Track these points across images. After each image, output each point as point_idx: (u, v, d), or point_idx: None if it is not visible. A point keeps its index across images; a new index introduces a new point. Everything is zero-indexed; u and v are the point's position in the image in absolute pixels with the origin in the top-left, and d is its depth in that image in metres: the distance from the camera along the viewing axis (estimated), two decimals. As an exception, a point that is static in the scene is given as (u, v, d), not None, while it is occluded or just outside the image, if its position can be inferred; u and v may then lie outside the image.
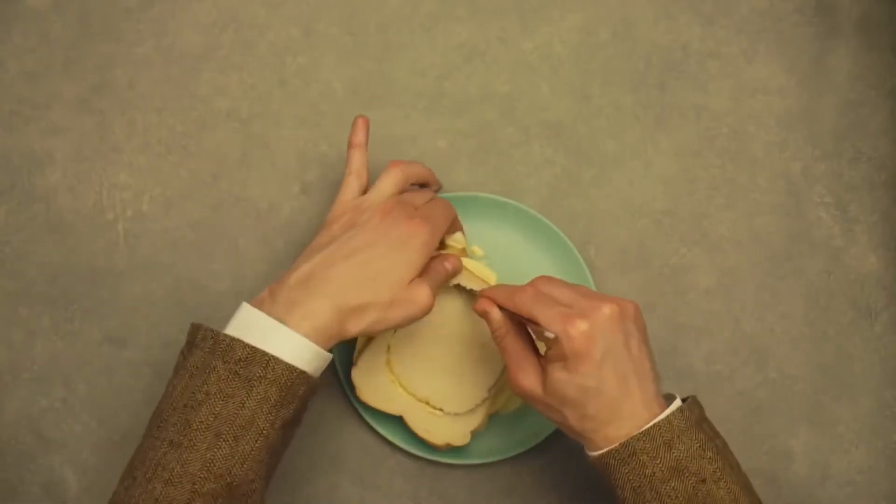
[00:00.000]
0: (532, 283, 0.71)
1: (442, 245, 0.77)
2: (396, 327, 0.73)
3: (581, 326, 0.66)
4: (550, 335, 0.67)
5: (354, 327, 0.69)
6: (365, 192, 0.74)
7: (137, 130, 0.85)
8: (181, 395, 0.66)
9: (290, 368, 0.66)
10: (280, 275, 0.70)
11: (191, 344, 0.68)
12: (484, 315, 0.72)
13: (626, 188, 0.85)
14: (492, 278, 0.79)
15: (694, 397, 0.70)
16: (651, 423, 0.66)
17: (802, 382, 0.84)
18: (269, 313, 0.67)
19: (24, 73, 0.85)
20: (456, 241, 0.78)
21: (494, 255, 0.82)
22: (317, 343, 0.67)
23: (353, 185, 0.74)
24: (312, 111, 0.85)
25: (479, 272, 0.79)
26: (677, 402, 0.68)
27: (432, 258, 0.74)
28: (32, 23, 0.86)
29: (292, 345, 0.66)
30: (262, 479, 0.67)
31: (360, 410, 0.81)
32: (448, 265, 0.75)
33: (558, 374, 0.67)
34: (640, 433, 0.66)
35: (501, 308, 0.72)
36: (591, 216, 0.85)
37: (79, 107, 0.85)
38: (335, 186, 0.84)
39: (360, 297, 0.69)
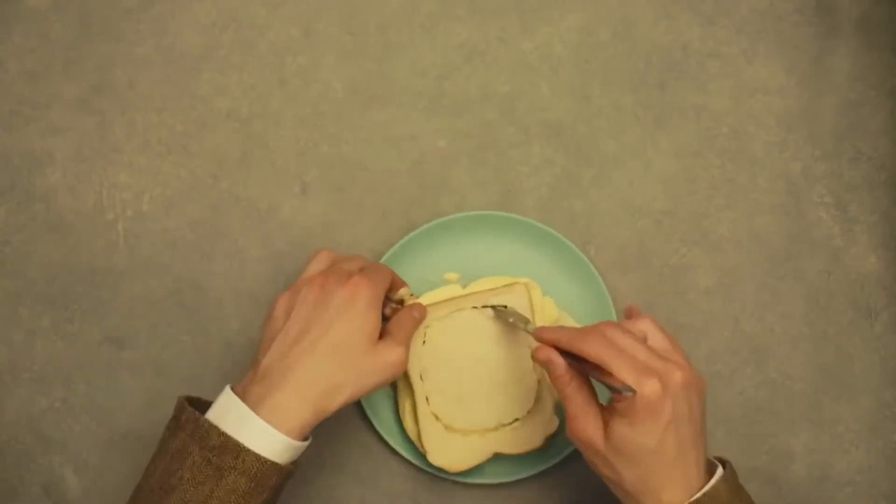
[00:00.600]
0: (598, 329, 0.69)
1: (399, 303, 0.77)
2: (373, 391, 0.71)
3: (655, 386, 0.65)
4: (618, 386, 0.66)
5: (333, 404, 0.69)
6: None
7: (137, 130, 0.85)
8: (159, 477, 0.67)
9: (261, 460, 0.66)
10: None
11: (176, 421, 0.69)
12: (546, 363, 0.70)
13: (626, 188, 0.85)
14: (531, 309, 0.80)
15: (729, 463, 0.70)
16: (701, 493, 0.66)
17: (802, 382, 0.84)
18: (247, 398, 0.68)
19: (24, 73, 0.85)
20: (404, 295, 0.78)
21: (501, 270, 0.82)
22: (291, 433, 0.67)
23: (317, 265, 0.75)
24: (312, 111, 0.85)
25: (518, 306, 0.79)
26: (720, 472, 0.68)
27: (397, 312, 0.75)
28: (32, 23, 0.86)
29: (264, 437, 0.67)
30: None
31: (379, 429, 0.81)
32: (415, 314, 0.75)
33: (623, 430, 0.66)
34: (693, 501, 0.66)
35: (562, 352, 0.70)
36: (591, 216, 0.85)
37: (79, 107, 0.85)
38: (335, 186, 0.84)
39: (327, 376, 0.69)
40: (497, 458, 0.80)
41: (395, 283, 0.77)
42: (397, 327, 0.73)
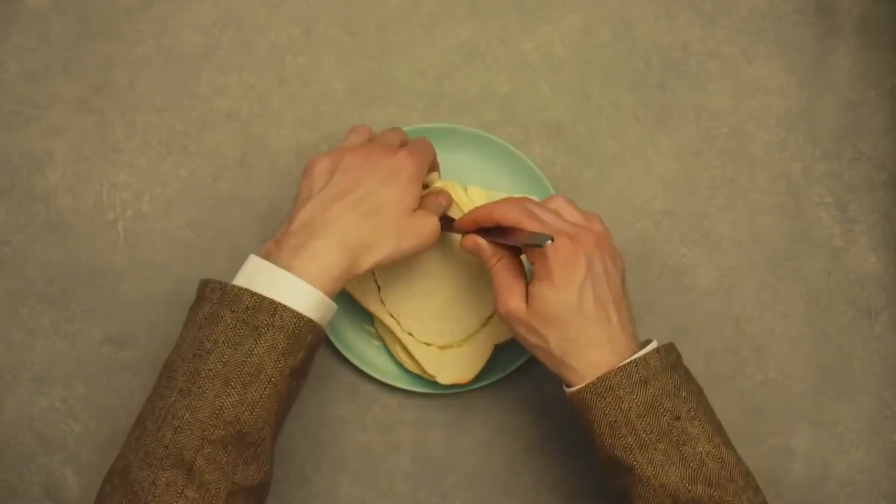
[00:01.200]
0: (511, 198, 0.73)
1: (423, 186, 0.77)
2: (407, 259, 0.72)
3: (566, 241, 0.68)
4: (532, 241, 0.68)
5: (366, 262, 0.69)
6: None
7: (137, 130, 0.85)
8: (190, 345, 0.66)
9: (297, 316, 0.66)
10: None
11: (200, 298, 0.68)
12: (474, 249, 0.73)
13: (626, 188, 0.85)
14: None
15: (671, 343, 0.71)
16: (628, 360, 0.67)
17: (802, 382, 0.84)
18: (275, 262, 0.67)
19: (24, 73, 0.85)
20: (433, 180, 0.79)
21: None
22: (324, 288, 0.67)
23: (357, 138, 0.75)
24: (312, 111, 0.85)
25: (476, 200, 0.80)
26: (654, 344, 0.69)
27: (424, 195, 0.75)
28: (32, 23, 0.86)
29: (299, 292, 0.66)
30: (271, 429, 0.67)
31: (348, 354, 0.82)
32: (442, 200, 0.76)
33: (542, 291, 0.68)
34: (618, 369, 0.67)
35: (487, 236, 0.72)
36: (591, 216, 0.85)
37: (79, 107, 0.85)
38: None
39: (367, 233, 0.69)
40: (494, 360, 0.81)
41: (433, 164, 0.77)
42: (429, 205, 0.74)
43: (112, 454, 0.79)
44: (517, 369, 0.82)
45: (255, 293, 0.66)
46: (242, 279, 0.68)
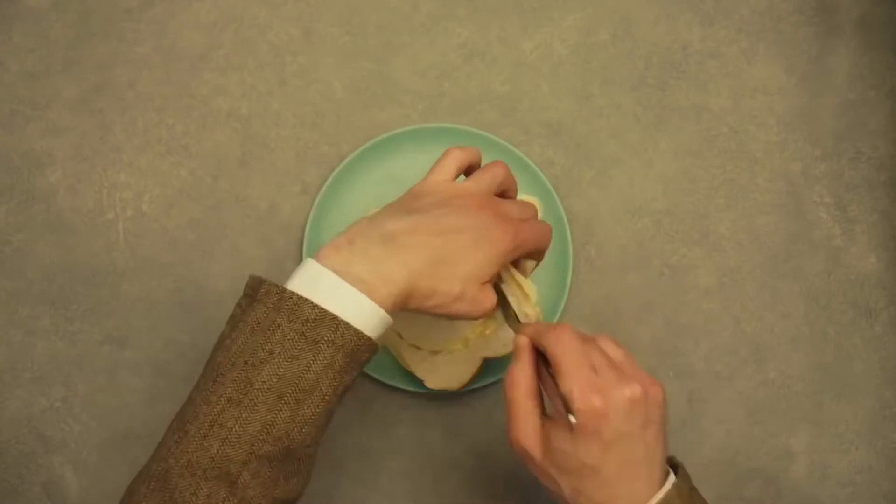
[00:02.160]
0: (568, 327, 0.66)
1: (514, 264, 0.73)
2: (452, 318, 0.68)
3: (596, 402, 0.62)
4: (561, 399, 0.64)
5: (414, 303, 0.65)
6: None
7: (137, 130, 0.85)
8: (241, 350, 0.62)
9: (359, 335, 0.62)
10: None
11: (251, 297, 0.64)
12: (518, 350, 0.67)
13: (626, 188, 0.85)
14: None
15: (682, 467, 0.67)
16: (655, 500, 0.64)
17: (802, 382, 0.84)
18: (345, 266, 0.63)
19: (24, 73, 0.85)
20: (528, 269, 0.74)
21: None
22: (387, 305, 0.63)
23: (449, 167, 0.69)
24: (312, 111, 0.85)
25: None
26: (672, 478, 0.65)
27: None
28: (32, 23, 0.86)
29: (362, 309, 0.62)
30: (316, 445, 0.64)
31: None
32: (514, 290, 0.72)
33: (563, 445, 0.63)
34: None
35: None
36: (591, 216, 0.85)
37: (79, 107, 0.85)
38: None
39: (433, 278, 0.65)
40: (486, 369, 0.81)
41: (536, 252, 0.72)
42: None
43: (112, 454, 0.79)
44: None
45: (317, 305, 0.61)
46: (301, 286, 0.63)
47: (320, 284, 0.62)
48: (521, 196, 0.83)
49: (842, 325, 0.84)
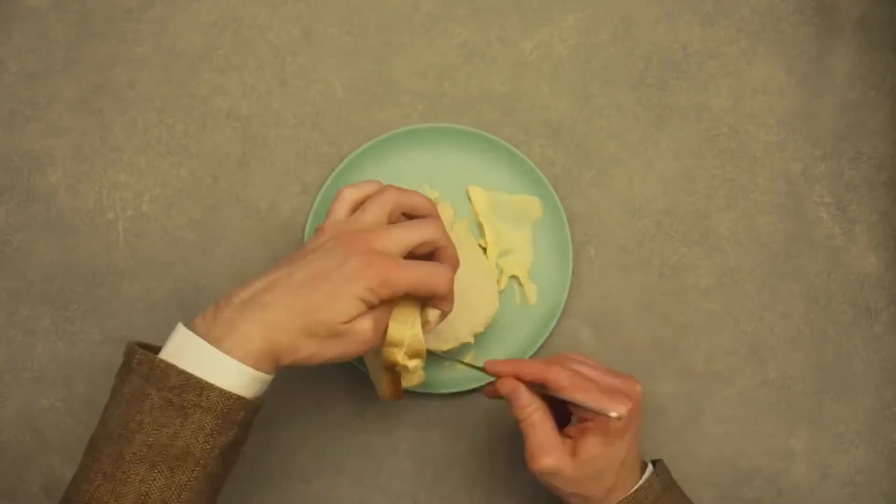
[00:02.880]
0: (559, 361, 0.71)
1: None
2: (335, 361, 0.67)
3: (628, 405, 0.69)
4: (595, 410, 0.69)
5: (286, 359, 0.65)
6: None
7: (137, 130, 0.85)
8: (116, 423, 0.63)
9: (226, 395, 0.63)
10: None
11: (127, 367, 0.65)
12: (511, 394, 0.71)
13: (626, 188, 0.85)
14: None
15: (661, 461, 0.75)
16: (636, 487, 0.71)
17: (802, 382, 0.84)
18: (208, 332, 0.63)
19: (24, 73, 0.85)
20: (428, 320, 0.71)
21: (457, 185, 0.83)
22: (255, 367, 0.63)
23: (340, 209, 0.70)
24: (312, 111, 0.85)
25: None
26: (650, 469, 0.73)
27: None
28: (32, 23, 0.86)
29: (228, 370, 0.63)
30: None
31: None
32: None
33: (597, 449, 0.69)
34: (629, 496, 0.71)
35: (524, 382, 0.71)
36: (591, 216, 0.85)
37: (79, 107, 0.85)
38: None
39: (293, 332, 0.64)
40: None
41: (437, 298, 0.69)
42: (377, 310, 0.67)
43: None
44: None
45: (182, 371, 0.62)
46: (171, 352, 0.64)
47: (187, 350, 0.63)
48: (521, 196, 0.83)
49: (842, 325, 0.84)
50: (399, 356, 0.69)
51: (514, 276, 0.82)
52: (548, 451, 0.70)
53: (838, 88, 0.86)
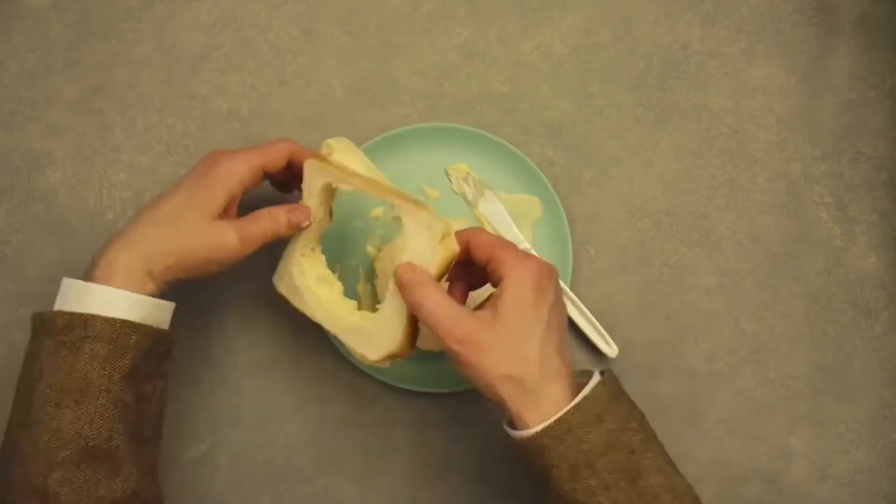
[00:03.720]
0: (478, 230, 0.70)
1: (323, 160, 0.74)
2: (204, 272, 0.71)
3: (542, 264, 0.67)
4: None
5: (158, 267, 0.68)
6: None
7: (137, 130, 0.85)
8: (21, 383, 0.67)
9: (111, 321, 0.66)
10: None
11: (32, 334, 0.68)
12: (462, 243, 0.69)
13: (626, 188, 0.85)
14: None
15: (609, 370, 0.68)
16: (581, 397, 0.64)
17: (802, 382, 0.84)
18: (84, 275, 0.68)
19: (24, 73, 0.85)
20: (327, 155, 0.74)
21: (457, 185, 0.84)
22: (132, 288, 0.67)
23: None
24: (312, 111, 0.85)
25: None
26: (597, 376, 0.66)
27: (266, 210, 0.73)
28: (32, 23, 0.86)
29: (107, 299, 0.66)
30: (122, 436, 0.66)
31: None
32: (282, 218, 0.73)
33: (515, 308, 0.64)
34: (573, 407, 0.63)
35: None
36: (591, 216, 0.85)
37: (79, 107, 0.85)
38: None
39: (157, 241, 0.69)
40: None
41: (295, 156, 0.75)
42: (249, 219, 0.72)
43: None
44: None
45: (66, 312, 0.66)
46: (57, 302, 0.68)
47: (69, 295, 0.67)
48: (521, 196, 0.83)
49: (842, 325, 0.84)
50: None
51: None
52: (458, 322, 0.65)
53: (838, 88, 0.86)
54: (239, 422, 0.82)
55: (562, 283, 0.81)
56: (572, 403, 0.64)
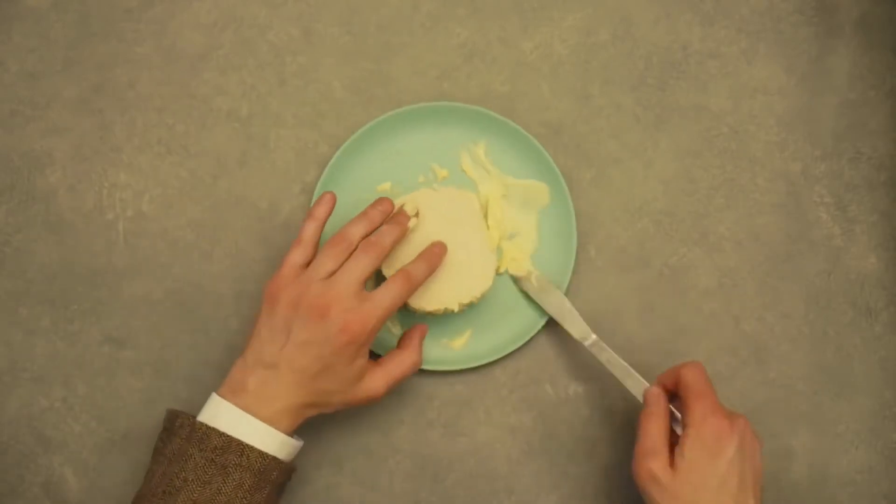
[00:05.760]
0: (695, 366, 0.73)
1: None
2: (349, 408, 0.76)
3: (724, 421, 0.71)
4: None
5: (312, 412, 0.73)
6: (308, 264, 0.74)
7: (137, 130, 0.85)
8: (160, 481, 0.69)
9: (263, 455, 0.70)
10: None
11: (168, 431, 0.71)
12: (651, 393, 0.75)
13: (626, 188, 0.85)
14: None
15: None
16: None
17: (802, 382, 0.84)
18: (238, 403, 0.71)
19: (24, 73, 0.85)
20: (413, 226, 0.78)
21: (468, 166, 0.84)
22: (285, 426, 0.71)
23: (297, 257, 0.74)
24: (312, 111, 0.85)
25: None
26: None
27: (397, 352, 0.76)
28: (32, 23, 0.86)
29: (262, 434, 0.70)
30: None
31: None
32: (409, 360, 0.76)
33: (693, 460, 0.69)
34: None
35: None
36: (591, 216, 0.85)
37: (79, 107, 0.85)
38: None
39: (310, 405, 0.72)
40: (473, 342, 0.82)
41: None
42: (389, 367, 0.75)
43: (112, 454, 0.79)
44: (516, 367, 0.82)
45: (223, 433, 0.69)
46: (208, 418, 0.71)
47: (223, 416, 0.70)
48: (530, 182, 0.83)
49: (842, 325, 0.84)
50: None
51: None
52: (654, 455, 0.71)
53: (838, 88, 0.86)
54: (239, 422, 0.82)
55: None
56: None
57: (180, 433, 0.70)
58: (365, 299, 0.72)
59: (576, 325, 0.80)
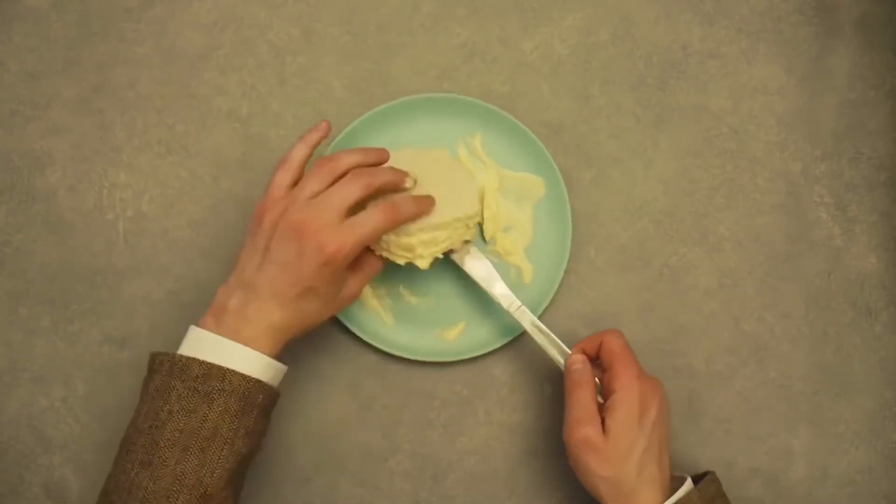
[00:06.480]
0: (617, 334, 0.77)
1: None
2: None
3: (656, 383, 0.75)
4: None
5: (292, 334, 0.72)
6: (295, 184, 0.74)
7: (137, 130, 0.85)
8: (145, 418, 0.69)
9: (246, 378, 0.69)
10: None
11: (151, 370, 0.71)
12: (571, 362, 0.77)
13: (626, 188, 0.85)
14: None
15: (710, 473, 0.75)
16: (672, 501, 0.72)
17: (802, 382, 0.84)
18: (219, 324, 0.70)
19: (24, 73, 0.85)
20: (409, 188, 0.76)
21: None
22: (268, 349, 0.71)
23: (283, 177, 0.74)
24: (312, 111, 0.85)
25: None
26: (689, 483, 0.73)
27: (366, 255, 0.76)
28: (32, 23, 0.86)
29: (243, 357, 0.69)
30: (233, 488, 0.69)
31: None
32: (377, 265, 0.78)
33: (623, 423, 0.72)
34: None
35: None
36: (591, 216, 0.85)
37: (79, 107, 0.85)
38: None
39: (288, 320, 0.71)
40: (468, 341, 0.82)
41: (388, 185, 0.75)
42: (363, 269, 0.76)
43: (112, 454, 0.79)
44: (516, 367, 0.82)
45: (203, 361, 0.69)
46: (188, 349, 0.70)
47: (203, 344, 0.70)
48: (526, 175, 0.83)
49: (842, 325, 0.84)
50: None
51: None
52: (588, 421, 0.73)
53: (838, 88, 0.86)
54: (239, 422, 0.82)
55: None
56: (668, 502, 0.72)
57: (161, 370, 0.69)
58: (345, 222, 0.71)
59: (500, 291, 0.80)
